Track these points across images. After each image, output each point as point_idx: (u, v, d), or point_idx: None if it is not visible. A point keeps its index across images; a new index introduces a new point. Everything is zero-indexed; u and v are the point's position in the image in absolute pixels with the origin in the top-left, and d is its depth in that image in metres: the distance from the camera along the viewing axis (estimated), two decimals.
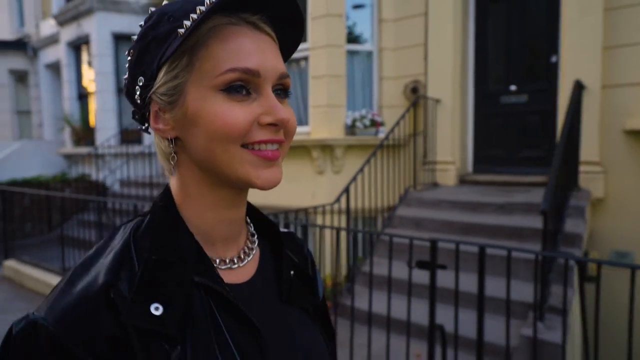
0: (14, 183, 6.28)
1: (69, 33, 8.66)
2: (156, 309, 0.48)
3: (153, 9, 0.56)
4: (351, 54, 5.40)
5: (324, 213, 4.10)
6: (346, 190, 3.97)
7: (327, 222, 4.53)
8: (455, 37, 4.86)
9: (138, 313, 0.47)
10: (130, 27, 8.02)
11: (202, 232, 0.56)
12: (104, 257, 0.52)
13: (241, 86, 0.51)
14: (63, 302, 0.47)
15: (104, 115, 8.12)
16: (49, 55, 10.14)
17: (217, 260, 0.57)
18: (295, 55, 5.19)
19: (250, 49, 0.52)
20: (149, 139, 7.80)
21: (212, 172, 0.54)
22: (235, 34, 0.52)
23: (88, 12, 8.00)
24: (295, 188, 5.03)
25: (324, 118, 5.18)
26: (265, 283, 0.61)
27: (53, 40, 9.68)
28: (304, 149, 5.22)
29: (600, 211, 4.18)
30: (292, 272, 0.64)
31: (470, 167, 5.15)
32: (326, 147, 5.08)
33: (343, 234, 3.79)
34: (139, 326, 0.46)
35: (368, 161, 4.25)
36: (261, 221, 0.66)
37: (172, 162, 0.56)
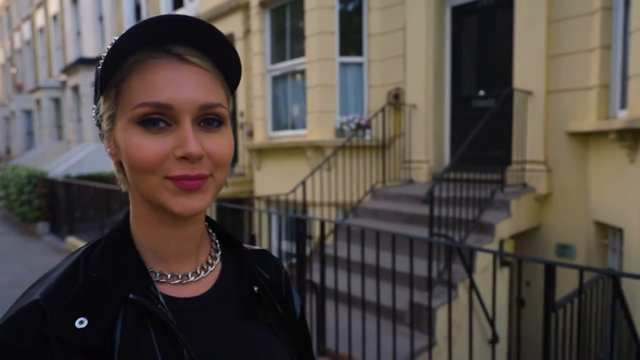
0: (81, 177, 7.81)
1: None
2: (80, 323, 0.50)
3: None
4: (344, 65, 6.12)
5: (314, 205, 4.93)
6: (302, 183, 4.73)
7: (317, 213, 5.36)
8: (428, 49, 5.38)
9: (62, 325, 0.49)
10: None
11: (152, 249, 0.59)
12: (61, 268, 0.56)
13: (158, 119, 0.52)
14: (7, 312, 0.52)
15: None
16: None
17: (169, 275, 0.59)
18: (297, 67, 6.09)
19: (164, 82, 0.52)
20: None
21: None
22: (152, 68, 0.52)
23: None
24: (293, 182, 5.87)
25: (317, 122, 5.97)
26: (222, 297, 0.62)
27: None
28: (300, 149, 6.05)
29: (546, 207, 4.53)
30: (255, 288, 0.65)
31: (446, 165, 5.63)
32: (318, 148, 5.85)
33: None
34: (60, 337, 0.49)
35: (328, 159, 5.03)
36: (227, 239, 0.68)
37: (123, 184, 0.60)
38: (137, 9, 12.05)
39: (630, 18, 3.68)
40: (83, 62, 12.73)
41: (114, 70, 0.53)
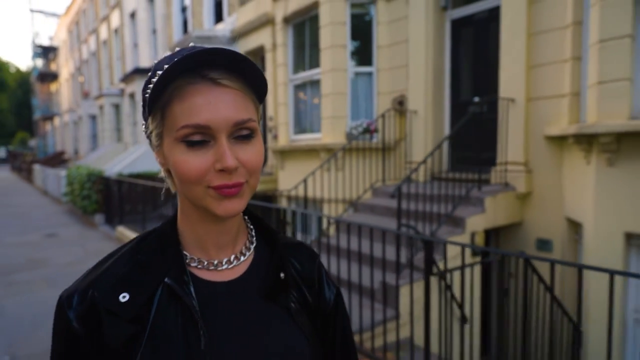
0: (132, 175, 8.94)
1: None
2: (123, 297, 0.63)
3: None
4: (356, 74, 6.72)
5: (329, 202, 5.60)
6: (304, 181, 5.39)
7: (329, 208, 6.03)
8: (427, 59, 5.88)
9: (109, 298, 0.63)
10: None
11: (194, 240, 0.70)
12: (118, 253, 0.69)
13: (200, 137, 0.61)
14: (76, 282, 0.67)
15: None
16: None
17: (205, 262, 0.70)
18: (314, 77, 6.79)
19: (202, 105, 0.60)
20: None
21: None
22: (191, 93, 0.60)
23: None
24: (310, 181, 6.55)
25: (330, 127, 6.61)
26: (249, 284, 0.72)
27: None
28: (315, 151, 6.73)
29: (527, 204, 4.91)
30: (282, 275, 0.73)
31: (446, 166, 6.09)
32: (330, 150, 6.50)
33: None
34: (106, 308, 0.62)
35: (329, 160, 5.62)
36: (265, 231, 0.79)
37: (172, 187, 0.70)
38: (185, 23, 13.22)
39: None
40: (138, 72, 14.10)
41: (159, 95, 0.61)
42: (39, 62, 33.98)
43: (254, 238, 0.77)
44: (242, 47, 9.64)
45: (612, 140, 3.62)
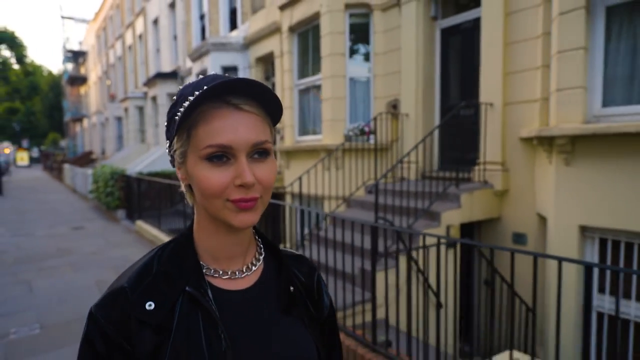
0: (151, 174, 9.65)
1: (197, 67, 12.00)
2: (149, 306, 0.69)
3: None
4: (353, 80, 7.20)
5: (329, 199, 6.10)
6: (299, 178, 5.89)
7: (329, 205, 6.52)
8: (418, 66, 6.31)
9: (136, 306, 0.69)
10: (233, 61, 10.91)
11: (209, 251, 0.77)
12: (139, 263, 0.75)
13: (221, 155, 0.68)
14: (103, 296, 0.72)
15: None
16: (189, 82, 13.89)
17: (220, 272, 0.76)
18: (316, 82, 7.31)
19: (225, 128, 0.68)
20: None
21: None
22: (216, 117, 0.68)
23: (206, 52, 11.13)
24: (312, 179, 7.06)
25: (330, 129, 7.10)
26: (262, 293, 0.78)
27: (190, 72, 13.27)
28: (316, 152, 7.22)
29: (504, 201, 5.30)
30: (292, 288, 0.81)
31: (436, 166, 6.50)
32: (330, 151, 6.98)
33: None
34: (135, 316, 0.68)
35: (326, 160, 6.07)
36: (269, 245, 0.86)
37: (190, 199, 0.78)
38: (203, 30, 13.92)
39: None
40: (160, 76, 14.88)
41: (187, 118, 0.69)
42: (69, 66, 35.55)
43: (262, 249, 0.85)
44: (254, 53, 10.23)
45: (567, 142, 4.00)
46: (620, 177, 3.71)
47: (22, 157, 46.24)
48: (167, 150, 0.78)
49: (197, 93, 0.67)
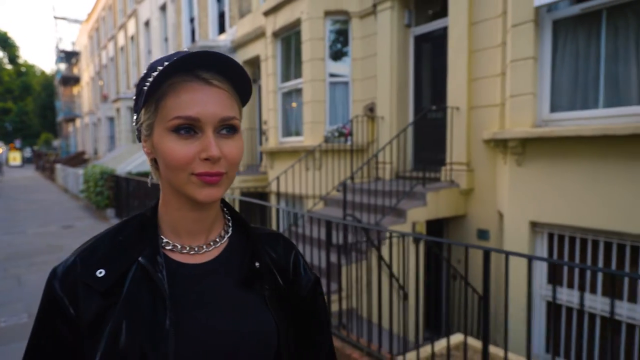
0: (140, 174, 9.94)
1: None
2: (99, 273, 0.71)
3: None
4: (333, 84, 7.52)
5: (310, 197, 6.39)
6: (276, 178, 6.19)
7: (308, 203, 6.82)
8: (392, 71, 6.63)
9: (86, 273, 0.70)
10: None
11: (171, 226, 0.78)
12: (103, 233, 0.77)
13: (189, 128, 0.69)
14: (64, 259, 0.74)
15: None
16: None
17: (179, 247, 0.77)
18: (298, 86, 7.63)
19: (194, 100, 0.68)
20: None
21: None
22: (185, 90, 0.69)
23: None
24: (295, 179, 7.37)
25: (310, 131, 7.41)
26: (222, 267, 0.78)
27: None
28: (298, 153, 7.53)
29: (470, 199, 5.63)
30: (257, 264, 0.80)
31: (410, 166, 6.83)
32: (310, 152, 7.29)
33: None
34: (84, 281, 0.70)
35: (305, 160, 6.37)
36: (241, 222, 0.86)
37: (155, 175, 0.79)
38: (193, 32, 14.19)
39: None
40: None
41: (156, 89, 0.69)
42: (62, 66, 35.64)
43: (230, 228, 0.84)
44: (242, 56, 10.52)
45: (518, 144, 4.34)
46: (564, 177, 4.05)
47: (15, 157, 46.21)
48: (133, 125, 0.79)
49: (166, 63, 0.67)
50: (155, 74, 0.68)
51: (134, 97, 0.76)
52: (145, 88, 0.69)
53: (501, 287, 4.77)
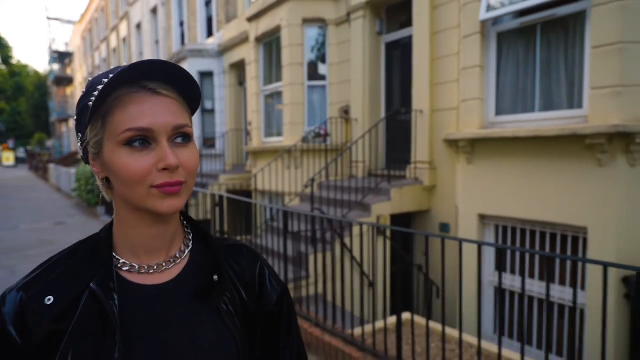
0: None
1: None
2: (48, 300, 0.68)
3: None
4: (312, 87, 7.96)
5: (289, 194, 6.82)
6: (254, 176, 6.62)
7: (287, 200, 7.24)
8: (364, 76, 7.08)
9: (35, 300, 0.68)
10: (209, 67, 11.60)
11: (128, 245, 0.74)
12: (55, 258, 0.74)
13: (142, 140, 0.67)
14: (15, 284, 0.71)
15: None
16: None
17: (137, 267, 0.74)
18: (279, 89, 8.07)
19: (144, 111, 0.66)
20: (220, 144, 11.27)
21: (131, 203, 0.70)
22: (133, 101, 0.67)
23: (184, 58, 11.81)
24: (275, 178, 7.80)
25: (290, 132, 7.85)
26: (181, 286, 0.75)
27: None
28: (278, 152, 7.96)
29: (433, 195, 6.09)
30: (215, 277, 0.76)
31: (383, 165, 7.28)
32: (290, 152, 7.73)
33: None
34: (32, 309, 0.67)
35: (282, 159, 6.81)
36: (202, 235, 0.83)
37: (107, 195, 0.75)
38: (183, 36, 14.59)
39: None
40: None
41: (101, 104, 0.67)
42: (56, 67, 35.88)
43: (191, 242, 0.81)
44: (228, 59, 10.95)
45: (467, 144, 4.80)
46: (506, 173, 4.52)
47: (8, 157, 46.32)
48: (78, 146, 0.75)
49: (111, 76, 0.66)
50: (101, 87, 0.66)
51: (76, 117, 0.73)
52: (91, 104, 0.68)
53: (457, 276, 5.22)
